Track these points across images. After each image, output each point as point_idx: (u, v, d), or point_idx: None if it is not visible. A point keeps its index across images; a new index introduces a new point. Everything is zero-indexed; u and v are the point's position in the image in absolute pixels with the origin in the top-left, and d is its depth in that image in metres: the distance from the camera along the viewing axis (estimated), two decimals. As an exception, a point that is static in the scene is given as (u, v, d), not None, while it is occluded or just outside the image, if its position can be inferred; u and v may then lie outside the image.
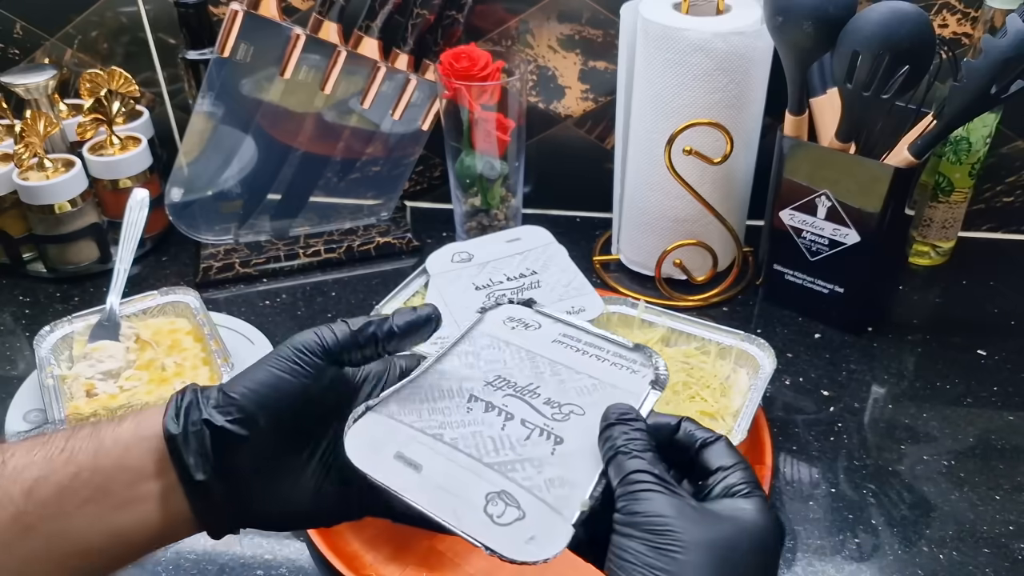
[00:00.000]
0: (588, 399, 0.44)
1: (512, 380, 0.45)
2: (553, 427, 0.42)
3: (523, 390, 0.44)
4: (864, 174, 0.73)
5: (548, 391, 0.44)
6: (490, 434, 0.42)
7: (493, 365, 0.45)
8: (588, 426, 0.42)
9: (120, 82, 0.95)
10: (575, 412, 0.43)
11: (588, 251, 0.93)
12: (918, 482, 0.66)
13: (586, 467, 0.40)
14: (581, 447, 0.41)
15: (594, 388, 0.45)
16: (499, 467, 0.40)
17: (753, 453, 0.66)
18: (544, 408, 0.43)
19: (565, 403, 0.44)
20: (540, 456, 0.41)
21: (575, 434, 0.42)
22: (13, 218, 0.89)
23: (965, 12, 0.82)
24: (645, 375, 0.45)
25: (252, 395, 0.41)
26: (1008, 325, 0.82)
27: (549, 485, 0.39)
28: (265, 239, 0.94)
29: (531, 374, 0.45)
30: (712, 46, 0.74)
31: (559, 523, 0.38)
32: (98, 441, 0.40)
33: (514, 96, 0.84)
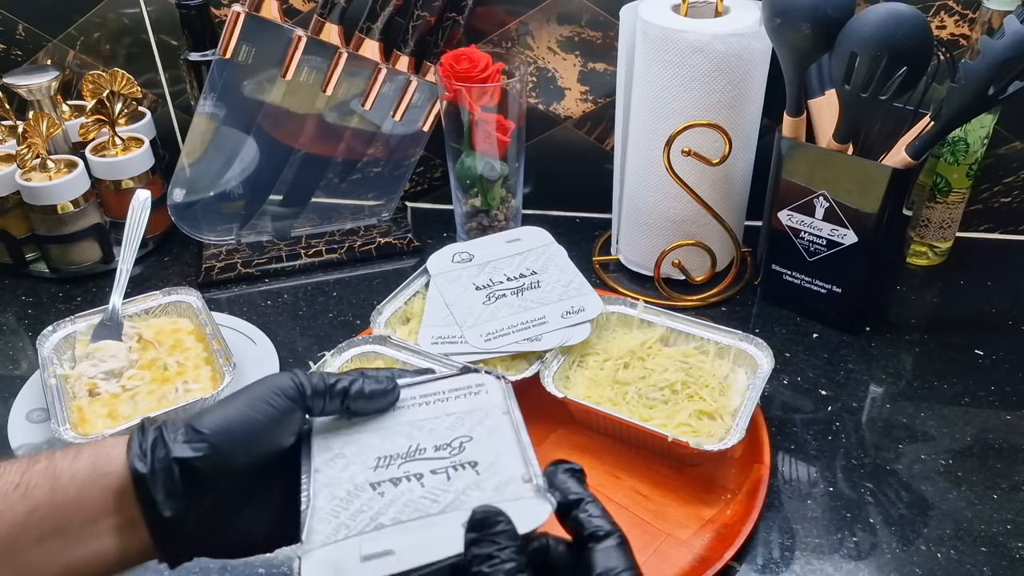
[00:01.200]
0: (465, 428, 0.46)
1: (391, 454, 0.45)
2: (459, 459, 0.44)
3: (408, 455, 0.45)
4: (862, 175, 0.73)
5: (428, 442, 0.46)
6: (419, 495, 0.43)
7: (364, 454, 0.45)
8: (485, 441, 0.45)
9: (122, 83, 0.96)
10: (465, 440, 0.46)
11: (588, 251, 0.94)
12: (916, 481, 0.66)
13: (514, 461, 0.44)
14: (496, 455, 0.44)
15: (462, 419, 0.47)
16: (451, 507, 0.42)
17: (751, 452, 0.66)
18: (439, 454, 0.45)
19: (451, 440, 0.45)
20: (471, 481, 0.43)
21: (481, 452, 0.45)
22: (16, 218, 0.90)
23: (963, 13, 0.83)
24: (489, 387, 0.48)
25: (223, 432, 0.41)
26: (1005, 325, 0.82)
27: (500, 489, 0.42)
28: (267, 239, 0.94)
29: (402, 441, 0.46)
30: (711, 48, 0.74)
31: (532, 502, 0.41)
32: (54, 477, 0.40)
33: (514, 97, 0.84)
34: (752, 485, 0.64)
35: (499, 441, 0.46)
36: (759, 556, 0.61)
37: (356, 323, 0.84)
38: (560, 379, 0.69)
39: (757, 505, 0.62)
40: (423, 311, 0.75)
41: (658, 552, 0.60)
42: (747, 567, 0.60)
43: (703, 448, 0.61)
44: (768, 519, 0.63)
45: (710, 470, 0.66)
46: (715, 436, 0.63)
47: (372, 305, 0.76)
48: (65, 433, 0.63)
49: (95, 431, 0.65)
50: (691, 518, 0.63)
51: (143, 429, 0.42)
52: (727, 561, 0.58)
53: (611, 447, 0.68)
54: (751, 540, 0.61)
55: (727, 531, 0.61)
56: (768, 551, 0.61)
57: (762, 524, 0.63)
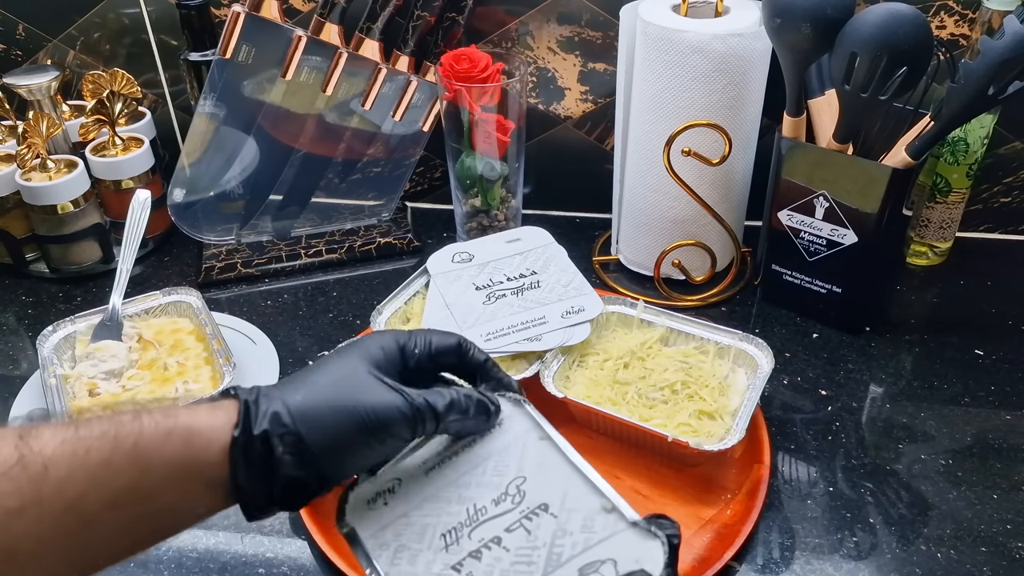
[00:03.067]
0: (512, 469, 0.44)
1: (453, 526, 0.43)
2: (527, 506, 0.42)
3: (472, 520, 0.43)
4: (862, 175, 0.73)
5: (484, 498, 0.44)
6: (510, 562, 0.41)
7: (425, 536, 0.43)
8: (540, 476, 0.43)
9: (122, 83, 0.96)
10: (520, 483, 0.43)
11: (588, 251, 0.94)
12: (916, 481, 0.66)
13: (582, 491, 0.42)
14: (562, 489, 0.42)
15: (503, 460, 0.45)
16: (551, 565, 0.40)
17: (751, 452, 0.66)
18: (502, 507, 0.43)
19: (507, 487, 0.43)
20: (554, 528, 0.41)
21: (544, 490, 0.43)
22: (16, 218, 0.90)
23: (963, 13, 0.83)
24: (513, 415, 0.47)
25: (331, 456, 0.41)
26: (1005, 325, 0.82)
27: (588, 529, 0.40)
28: (267, 239, 0.94)
29: (456, 508, 0.44)
30: (711, 48, 0.74)
31: (634, 539, 0.40)
32: (144, 461, 0.39)
33: (514, 97, 0.84)
34: (752, 485, 0.64)
35: (554, 472, 0.43)
36: (759, 556, 0.61)
37: (356, 323, 0.84)
38: (560, 379, 0.69)
39: (757, 505, 0.62)
40: (423, 311, 0.75)
41: (658, 552, 0.60)
42: (747, 567, 0.60)
43: (703, 448, 0.61)
44: (768, 519, 0.63)
45: (710, 470, 0.66)
46: (715, 436, 0.63)
47: (372, 305, 0.76)
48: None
49: (95, 431, 0.65)
50: (691, 518, 0.63)
51: (247, 427, 0.40)
52: (727, 561, 0.58)
53: (611, 447, 0.68)
54: (751, 540, 0.61)
55: (727, 531, 0.61)
56: (768, 551, 0.61)
57: (762, 524, 0.63)
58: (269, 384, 0.44)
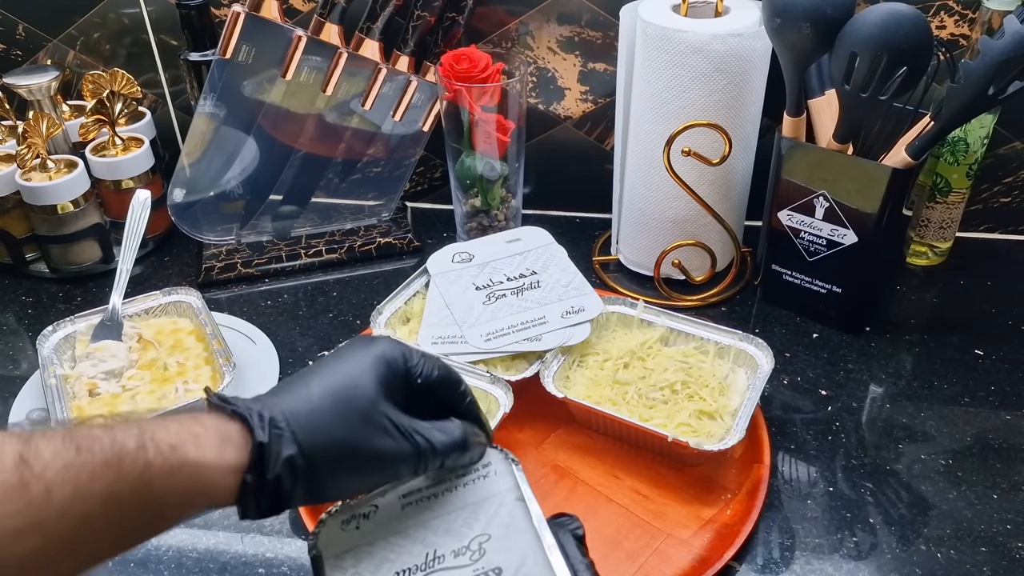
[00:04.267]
0: (481, 524, 0.44)
1: (409, 567, 0.44)
2: (482, 566, 0.43)
3: (427, 565, 0.43)
4: (862, 175, 0.73)
5: (446, 547, 0.44)
6: None
7: (381, 570, 0.44)
8: (505, 538, 0.43)
9: (122, 83, 0.96)
10: (483, 540, 0.44)
11: (588, 251, 0.94)
12: (916, 481, 0.66)
13: (537, 567, 0.42)
14: (520, 558, 0.42)
15: (475, 513, 0.45)
16: None
17: (751, 452, 0.66)
18: (459, 561, 0.43)
19: (469, 542, 0.44)
20: None
21: (503, 555, 0.43)
22: (16, 218, 0.90)
23: (963, 13, 0.83)
24: (496, 467, 0.47)
25: (336, 483, 0.43)
26: (1005, 325, 0.82)
27: None
28: (267, 239, 0.94)
29: (418, 548, 0.44)
30: (711, 48, 0.74)
31: None
32: (147, 494, 0.39)
33: (514, 97, 0.84)
34: (752, 485, 0.64)
35: (518, 538, 0.43)
36: (759, 556, 0.61)
37: (356, 323, 0.84)
38: (560, 379, 0.69)
39: (757, 505, 0.62)
40: (423, 311, 0.75)
41: (658, 552, 0.60)
42: (747, 567, 0.60)
43: (703, 448, 0.61)
44: (768, 519, 0.63)
45: (710, 470, 0.66)
46: (715, 436, 0.63)
47: (372, 305, 0.76)
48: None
49: (95, 431, 0.65)
50: (691, 518, 0.63)
51: (261, 472, 0.41)
52: (727, 561, 0.58)
53: (611, 447, 0.68)
54: (751, 540, 0.61)
55: (727, 531, 0.61)
56: (768, 551, 0.61)
57: (762, 524, 0.63)
58: (273, 397, 0.43)
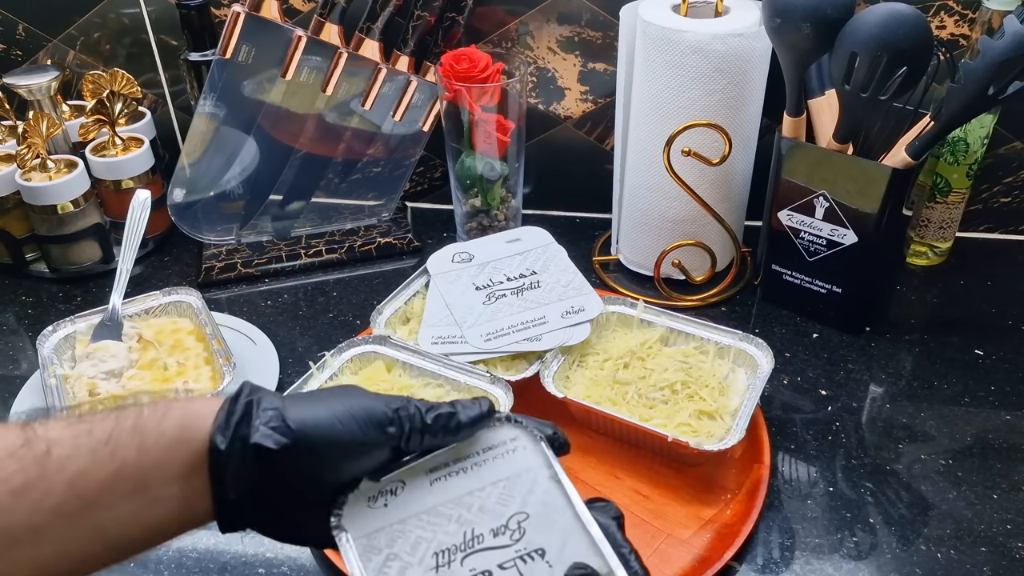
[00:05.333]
0: (517, 502, 0.43)
1: (448, 547, 0.42)
2: (524, 546, 0.42)
3: (466, 545, 0.42)
4: (862, 175, 0.73)
5: (483, 526, 0.43)
6: None
7: (418, 550, 0.42)
8: (543, 518, 0.42)
9: (122, 83, 0.96)
10: (521, 519, 0.43)
11: (588, 251, 0.94)
12: (916, 481, 0.66)
13: (582, 547, 0.41)
14: (561, 538, 0.42)
15: (510, 490, 0.44)
16: None
17: (751, 452, 0.66)
18: (499, 540, 0.42)
19: (508, 520, 0.43)
20: (544, 572, 0.41)
21: (543, 535, 0.42)
22: (16, 218, 0.90)
23: (963, 13, 0.83)
24: (522, 441, 0.46)
25: (312, 434, 0.41)
26: (1005, 325, 0.82)
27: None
28: (267, 239, 0.94)
29: (454, 527, 0.43)
30: (711, 48, 0.74)
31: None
32: (142, 435, 0.40)
33: (514, 97, 0.84)
34: (752, 485, 0.64)
35: (558, 518, 0.43)
36: (759, 556, 0.61)
37: (356, 323, 0.84)
38: (560, 379, 0.69)
39: (757, 505, 0.62)
40: (423, 311, 0.75)
41: (658, 552, 0.60)
42: (747, 567, 0.60)
43: (703, 448, 0.61)
44: (768, 519, 0.63)
45: (710, 470, 0.66)
46: (715, 436, 0.63)
47: (372, 305, 0.76)
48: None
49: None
50: (691, 518, 0.63)
51: (237, 398, 0.41)
52: (727, 561, 0.58)
53: (611, 447, 0.68)
54: (751, 540, 0.61)
55: (727, 531, 0.61)
56: (768, 551, 0.61)
57: (762, 524, 0.63)
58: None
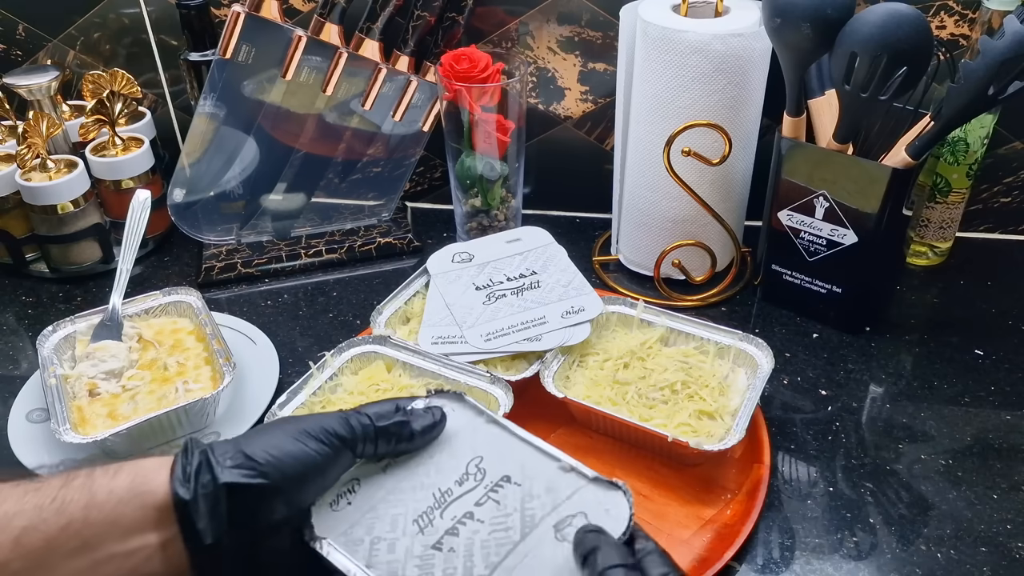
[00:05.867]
0: (467, 452, 0.47)
1: (423, 511, 0.45)
2: (490, 480, 0.45)
3: (440, 503, 0.45)
4: (862, 175, 0.73)
5: (446, 481, 0.46)
6: (488, 532, 0.43)
7: (398, 525, 0.44)
8: (497, 453, 0.46)
9: (122, 83, 0.96)
10: (477, 462, 0.46)
11: (587, 251, 0.94)
12: (916, 481, 0.66)
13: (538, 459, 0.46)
14: (518, 461, 0.45)
15: (456, 444, 0.47)
16: (528, 526, 0.42)
17: (751, 452, 0.66)
18: (467, 486, 0.45)
19: (465, 468, 0.46)
20: (521, 494, 0.44)
21: (503, 465, 0.45)
22: (16, 218, 0.90)
23: (963, 13, 0.83)
24: (456, 407, 0.49)
25: (275, 461, 0.42)
26: (1005, 325, 0.82)
27: (553, 491, 0.43)
28: (267, 239, 0.94)
29: (422, 494, 0.45)
30: (711, 48, 0.74)
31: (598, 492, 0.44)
32: (91, 493, 0.40)
33: (514, 98, 0.84)
34: (752, 485, 0.64)
35: (507, 446, 0.46)
36: (759, 556, 0.61)
37: (356, 323, 0.84)
38: (560, 379, 0.69)
39: (757, 505, 0.62)
40: (423, 311, 0.75)
41: (658, 552, 0.60)
42: (747, 567, 0.60)
43: (703, 448, 0.61)
44: (768, 519, 0.63)
45: (710, 470, 0.66)
46: (715, 436, 0.63)
47: (372, 305, 0.76)
48: (65, 434, 0.63)
49: (95, 431, 0.65)
50: (691, 518, 0.63)
51: (187, 451, 0.42)
52: (727, 561, 0.58)
53: (611, 447, 0.68)
54: (751, 540, 0.61)
55: (727, 531, 0.61)
56: (768, 551, 0.61)
57: (762, 524, 0.63)
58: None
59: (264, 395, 0.73)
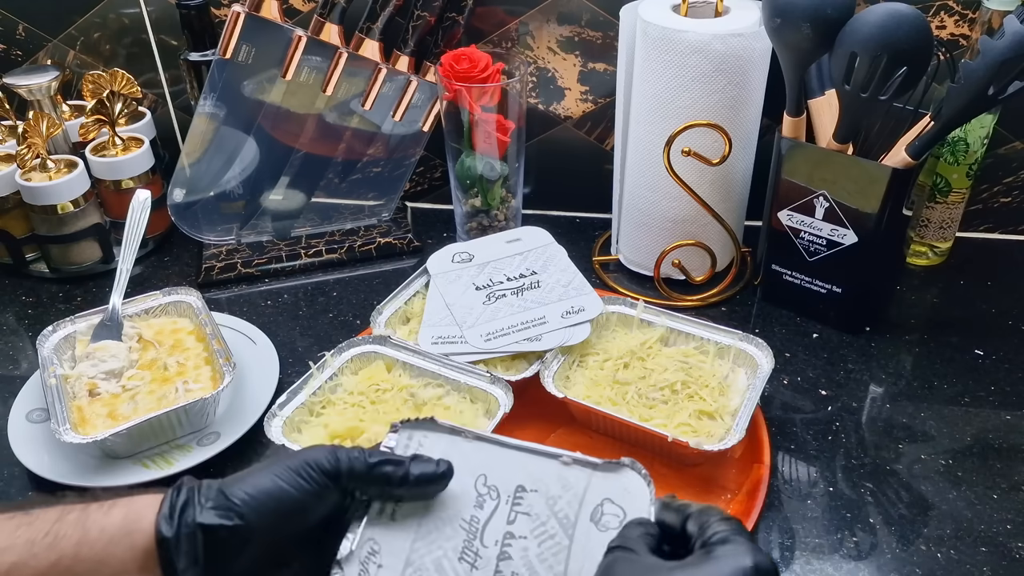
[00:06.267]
0: (465, 473, 0.45)
1: (463, 546, 0.43)
2: (507, 495, 0.44)
3: (473, 532, 0.44)
4: (862, 175, 0.73)
5: (465, 510, 0.45)
6: (536, 545, 0.43)
7: (443, 567, 0.43)
8: (497, 466, 0.45)
9: (122, 83, 0.96)
10: (483, 480, 0.45)
11: (587, 251, 0.94)
12: (916, 481, 0.66)
13: (538, 463, 0.45)
14: (521, 468, 0.45)
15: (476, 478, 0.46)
16: (566, 527, 0.43)
17: (751, 452, 0.66)
18: (487, 509, 0.44)
19: (476, 490, 0.45)
20: (541, 500, 0.44)
21: (508, 476, 0.45)
22: (16, 218, 0.90)
23: (963, 13, 0.83)
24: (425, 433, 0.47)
25: (253, 502, 0.41)
26: (1005, 325, 0.82)
27: (567, 487, 0.44)
28: (267, 239, 0.94)
29: (450, 530, 0.44)
30: (711, 48, 0.74)
31: (604, 476, 0.44)
32: (84, 530, 0.39)
33: (514, 98, 0.84)
34: (752, 485, 0.64)
35: (501, 458, 0.45)
36: (759, 556, 0.61)
37: (356, 323, 0.84)
38: (560, 379, 0.69)
39: (757, 505, 0.62)
40: (423, 311, 0.75)
41: (658, 552, 0.60)
42: (747, 567, 0.60)
43: (703, 448, 0.61)
44: (768, 519, 0.63)
45: (710, 470, 0.66)
46: (715, 436, 0.63)
47: (372, 305, 0.76)
48: (65, 434, 0.63)
49: (95, 431, 0.65)
50: (691, 518, 0.63)
51: (179, 488, 0.41)
52: (727, 561, 0.58)
53: (611, 447, 0.68)
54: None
55: (727, 531, 0.61)
56: (768, 551, 0.61)
57: (762, 524, 0.63)
58: None
59: (264, 395, 0.73)
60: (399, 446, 0.46)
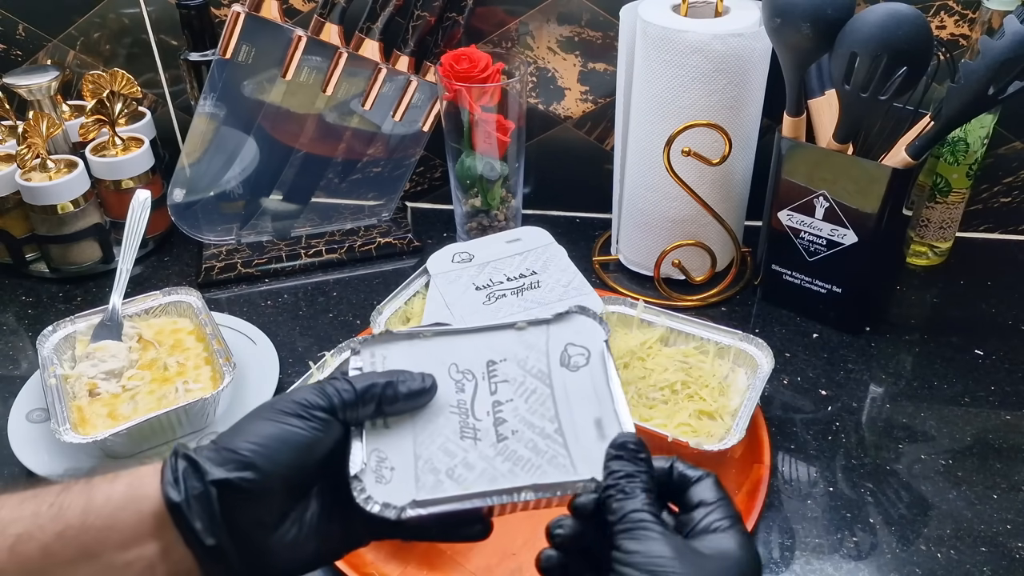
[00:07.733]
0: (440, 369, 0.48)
1: (460, 426, 0.45)
2: (483, 373, 0.47)
3: (464, 411, 0.46)
4: (862, 175, 0.73)
5: (448, 396, 0.47)
6: (524, 403, 0.46)
7: (449, 450, 0.45)
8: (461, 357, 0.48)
9: (122, 83, 0.96)
10: (455, 367, 0.47)
11: (588, 251, 0.94)
12: (916, 481, 0.66)
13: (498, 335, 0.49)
14: (485, 346, 0.48)
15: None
16: (542, 378, 0.46)
17: (751, 452, 0.66)
18: (468, 389, 0.47)
19: (450, 377, 0.47)
20: (513, 368, 0.47)
21: (472, 359, 0.48)
22: (16, 218, 0.90)
23: (963, 13, 0.83)
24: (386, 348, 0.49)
25: (262, 449, 0.41)
26: (1005, 325, 0.82)
27: (530, 347, 0.48)
28: (267, 239, 0.94)
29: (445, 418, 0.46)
30: (711, 48, 0.74)
31: (560, 326, 0.49)
32: (89, 498, 0.39)
33: (514, 98, 0.84)
34: (752, 485, 0.64)
35: (463, 344, 0.48)
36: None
37: (356, 323, 0.84)
38: (560, 379, 0.69)
39: (757, 505, 0.62)
40: (423, 311, 0.75)
41: (658, 552, 0.60)
42: (747, 567, 0.60)
43: (703, 448, 0.61)
44: (768, 519, 0.63)
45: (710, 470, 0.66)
46: (715, 436, 0.63)
47: (372, 305, 0.76)
48: (65, 434, 0.63)
49: (95, 431, 0.65)
50: (691, 518, 0.63)
51: (174, 455, 0.41)
52: (727, 561, 0.58)
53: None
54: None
55: (727, 531, 0.61)
56: (768, 551, 0.61)
57: (762, 524, 0.63)
58: None
59: (264, 395, 0.73)
60: (366, 364, 0.48)
